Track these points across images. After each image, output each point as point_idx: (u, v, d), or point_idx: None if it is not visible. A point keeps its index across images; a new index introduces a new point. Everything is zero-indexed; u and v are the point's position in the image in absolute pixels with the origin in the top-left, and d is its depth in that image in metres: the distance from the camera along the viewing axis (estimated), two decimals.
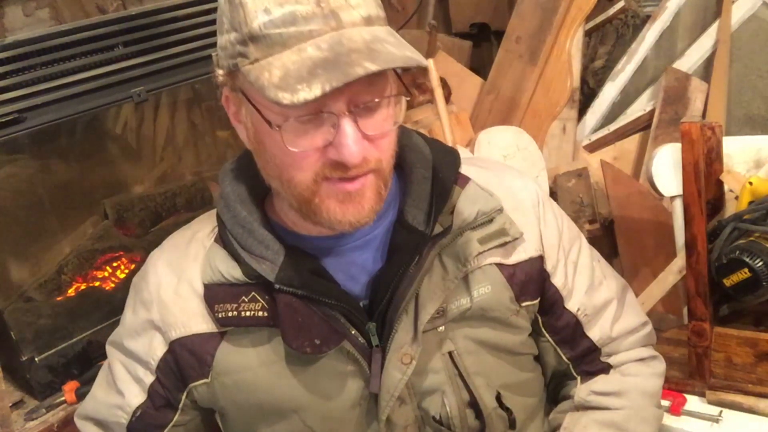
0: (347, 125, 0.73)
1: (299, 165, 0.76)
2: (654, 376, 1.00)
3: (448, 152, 0.93)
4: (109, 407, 0.94)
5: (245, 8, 0.72)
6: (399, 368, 0.84)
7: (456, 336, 0.88)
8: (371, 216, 0.79)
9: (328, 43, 0.70)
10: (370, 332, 0.85)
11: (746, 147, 1.36)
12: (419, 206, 0.86)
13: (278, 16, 0.70)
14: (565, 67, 2.12)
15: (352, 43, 0.70)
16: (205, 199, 1.77)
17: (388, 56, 0.70)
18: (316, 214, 0.79)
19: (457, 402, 0.88)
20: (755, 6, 2.08)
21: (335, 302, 0.83)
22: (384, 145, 0.78)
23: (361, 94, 0.73)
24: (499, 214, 0.90)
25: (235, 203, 0.87)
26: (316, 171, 0.76)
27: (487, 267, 0.88)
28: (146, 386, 0.91)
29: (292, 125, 0.74)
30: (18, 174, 1.43)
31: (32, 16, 1.51)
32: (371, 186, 0.78)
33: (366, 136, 0.75)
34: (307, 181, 0.77)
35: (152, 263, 0.93)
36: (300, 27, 0.70)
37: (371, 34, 0.71)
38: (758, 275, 1.11)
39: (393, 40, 0.73)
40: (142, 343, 0.91)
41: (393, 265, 0.85)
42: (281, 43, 0.71)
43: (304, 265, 0.84)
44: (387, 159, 0.79)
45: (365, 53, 0.69)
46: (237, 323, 0.85)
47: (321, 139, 0.74)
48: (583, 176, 2.00)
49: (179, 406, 0.91)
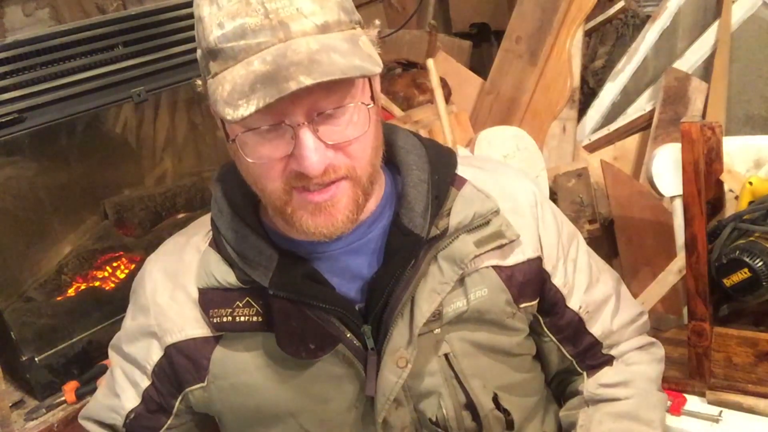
0: (305, 135, 0.72)
1: (267, 175, 0.76)
2: (655, 362, 1.02)
3: (444, 153, 0.93)
4: (106, 409, 0.96)
5: (203, 23, 0.73)
6: (394, 371, 0.84)
7: (452, 338, 0.88)
8: (347, 225, 0.79)
9: (273, 55, 0.70)
10: (366, 335, 0.85)
11: (746, 147, 1.36)
12: (415, 209, 0.85)
13: (230, 30, 0.71)
14: (565, 67, 2.12)
15: (295, 55, 0.69)
16: (205, 199, 1.77)
17: (330, 68, 0.68)
18: (292, 224, 0.79)
19: (453, 404, 0.88)
20: (755, 6, 2.08)
21: (329, 306, 0.83)
22: (355, 152, 0.77)
23: (320, 102, 0.72)
24: (495, 216, 0.89)
25: (229, 208, 0.88)
26: (284, 181, 0.76)
27: (484, 270, 0.88)
28: (141, 390, 0.92)
29: (250, 137, 0.74)
30: (18, 174, 1.43)
31: (32, 16, 1.51)
32: (345, 194, 0.77)
33: (330, 146, 0.74)
34: (278, 191, 0.77)
35: (148, 269, 0.94)
36: (249, 40, 0.70)
37: (321, 43, 0.70)
38: (758, 275, 1.11)
39: (345, 48, 0.71)
40: (140, 347, 0.92)
41: (389, 269, 0.84)
42: (233, 57, 0.71)
43: (297, 269, 0.84)
44: (362, 166, 0.78)
45: (304, 65, 0.68)
46: (232, 328, 0.85)
47: (281, 150, 0.74)
48: (583, 176, 2.00)
49: (173, 411, 0.92)
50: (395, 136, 0.92)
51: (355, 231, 0.85)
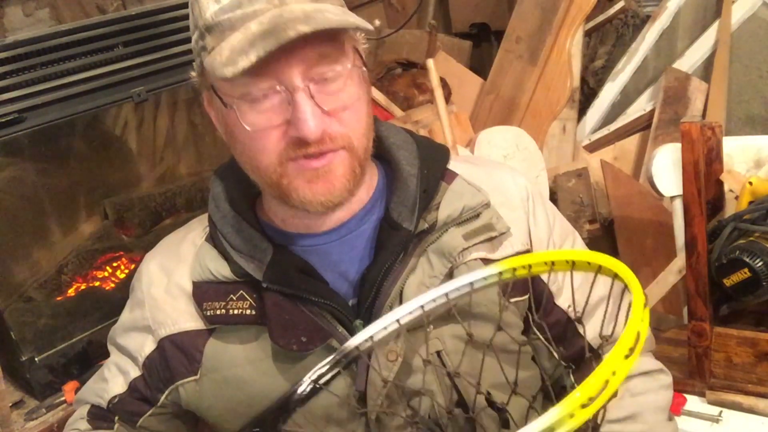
0: (302, 99, 0.74)
1: (263, 147, 0.77)
2: (663, 389, 0.98)
3: (436, 149, 0.93)
4: (92, 392, 0.99)
5: (199, 3, 0.76)
6: (385, 365, 0.84)
7: (444, 335, 0.87)
8: (343, 195, 0.80)
9: (269, 18, 0.72)
10: (357, 330, 0.85)
11: (746, 147, 1.36)
12: (405, 203, 0.86)
13: (226, 3, 0.74)
14: (565, 67, 2.12)
15: (292, 15, 0.72)
16: (205, 199, 1.75)
17: (325, 21, 0.72)
18: (288, 196, 0.80)
19: (445, 402, 0.88)
20: (755, 6, 2.08)
21: (322, 300, 0.84)
22: (349, 120, 0.78)
23: (315, 67, 0.75)
24: (485, 209, 0.89)
25: (225, 203, 0.89)
26: (279, 152, 0.77)
27: (471, 262, 0.88)
28: (130, 379, 0.94)
29: (247, 105, 0.76)
30: (18, 174, 1.43)
31: (32, 16, 1.51)
32: (342, 163, 0.78)
33: (326, 112, 0.76)
34: (272, 164, 0.78)
35: (145, 264, 0.96)
36: (245, 9, 0.74)
37: (315, 7, 0.74)
38: (758, 275, 1.11)
39: (338, 11, 0.75)
40: (134, 340, 0.93)
41: (378, 263, 0.85)
42: (230, 27, 0.74)
43: (291, 263, 0.84)
44: (358, 137, 0.79)
45: (301, 19, 0.71)
46: (225, 321, 0.86)
47: (278, 117, 0.76)
48: (583, 176, 2.00)
49: (157, 403, 0.93)
50: (387, 132, 0.92)
51: (347, 224, 0.86)
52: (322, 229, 0.86)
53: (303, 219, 0.86)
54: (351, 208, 0.87)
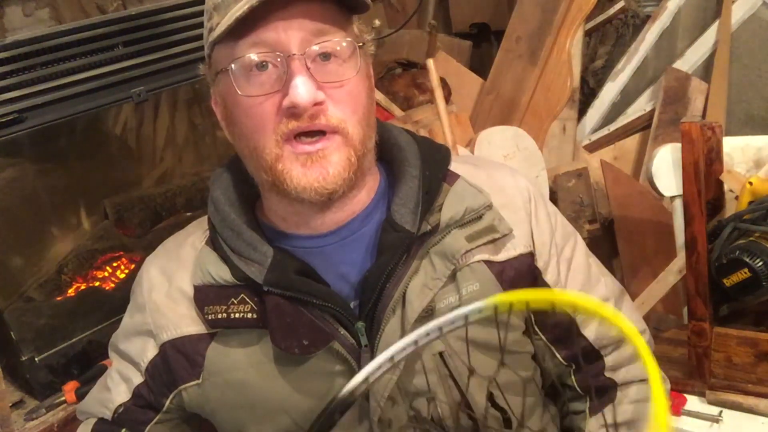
0: (297, 67, 0.76)
1: (261, 126, 0.79)
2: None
3: (437, 150, 0.93)
4: (96, 403, 0.98)
5: None
6: None
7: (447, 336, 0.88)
8: (338, 182, 0.80)
9: None
10: (359, 332, 0.85)
11: (746, 147, 1.36)
12: (407, 205, 0.85)
13: None
14: (565, 67, 2.12)
15: None
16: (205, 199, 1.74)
17: None
18: (283, 183, 0.80)
19: (449, 403, 0.88)
20: (755, 6, 2.08)
21: (323, 303, 0.83)
22: (343, 99, 0.79)
23: (313, 39, 0.77)
24: (488, 211, 0.89)
25: (225, 206, 0.89)
26: (274, 128, 0.78)
27: (475, 264, 0.88)
28: (133, 386, 0.93)
29: (244, 73, 0.78)
30: (18, 174, 1.43)
31: (32, 16, 1.51)
32: (337, 150, 0.79)
33: (321, 86, 0.77)
34: (270, 144, 0.79)
35: (146, 269, 0.95)
36: None
37: None
38: (758, 275, 1.11)
39: None
40: (135, 345, 0.93)
41: (380, 265, 0.84)
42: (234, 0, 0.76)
43: (292, 266, 0.84)
44: (353, 124, 0.80)
45: None
46: (226, 325, 0.86)
47: (272, 85, 0.77)
48: (583, 176, 2.00)
49: (162, 409, 0.93)
50: (388, 134, 0.92)
51: (348, 225, 0.86)
52: (323, 230, 0.86)
53: (302, 216, 0.86)
54: (352, 209, 0.87)
